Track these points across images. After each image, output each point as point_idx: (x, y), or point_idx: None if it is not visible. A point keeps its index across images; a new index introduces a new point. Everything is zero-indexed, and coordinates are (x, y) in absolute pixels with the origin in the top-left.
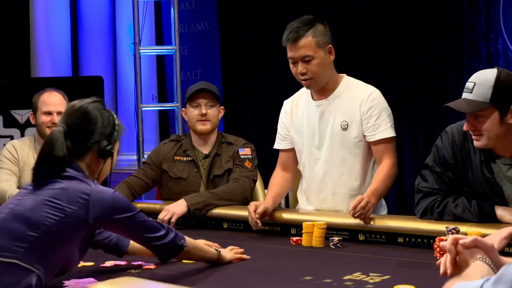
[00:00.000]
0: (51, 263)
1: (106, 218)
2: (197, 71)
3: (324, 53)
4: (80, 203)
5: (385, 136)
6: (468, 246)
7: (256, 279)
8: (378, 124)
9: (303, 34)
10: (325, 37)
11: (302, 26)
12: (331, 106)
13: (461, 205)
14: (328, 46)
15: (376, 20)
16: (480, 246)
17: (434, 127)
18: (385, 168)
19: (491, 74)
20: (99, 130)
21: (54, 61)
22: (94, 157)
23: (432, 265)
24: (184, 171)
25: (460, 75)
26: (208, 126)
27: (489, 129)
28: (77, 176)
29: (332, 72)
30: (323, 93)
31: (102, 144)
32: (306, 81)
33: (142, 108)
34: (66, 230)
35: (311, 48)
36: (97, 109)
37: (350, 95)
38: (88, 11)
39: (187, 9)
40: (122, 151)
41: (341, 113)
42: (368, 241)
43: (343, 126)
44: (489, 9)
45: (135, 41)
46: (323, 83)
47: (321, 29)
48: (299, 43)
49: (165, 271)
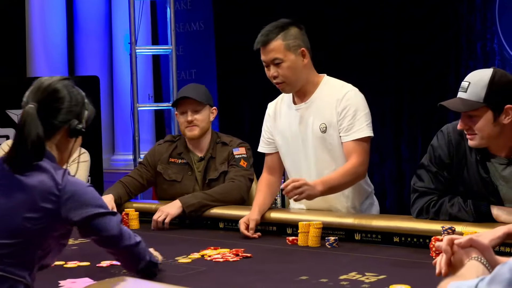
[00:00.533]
0: (32, 266)
1: (79, 211)
2: (191, 71)
3: (295, 56)
4: (52, 200)
5: (358, 136)
6: (463, 246)
7: (252, 279)
8: (352, 124)
9: (272, 37)
10: (297, 40)
11: (273, 30)
12: (309, 109)
13: (457, 204)
14: (300, 49)
15: (376, 20)
16: (475, 245)
17: (433, 127)
18: (348, 164)
19: (486, 74)
20: (69, 108)
21: (50, 61)
22: (63, 137)
23: (428, 265)
24: (179, 174)
25: (458, 75)
26: (195, 132)
27: (482, 128)
28: (48, 168)
29: (309, 75)
30: (302, 96)
31: (73, 123)
32: (278, 84)
33: (138, 108)
34: (44, 230)
35: (280, 51)
36: (66, 87)
37: (327, 97)
38: (84, 10)
39: (182, 8)
40: (118, 150)
41: (319, 116)
42: (364, 241)
43: (322, 129)
44: (485, 9)
45: (131, 41)
46: (297, 86)
47: (294, 33)
48: (268, 47)
49: (160, 270)
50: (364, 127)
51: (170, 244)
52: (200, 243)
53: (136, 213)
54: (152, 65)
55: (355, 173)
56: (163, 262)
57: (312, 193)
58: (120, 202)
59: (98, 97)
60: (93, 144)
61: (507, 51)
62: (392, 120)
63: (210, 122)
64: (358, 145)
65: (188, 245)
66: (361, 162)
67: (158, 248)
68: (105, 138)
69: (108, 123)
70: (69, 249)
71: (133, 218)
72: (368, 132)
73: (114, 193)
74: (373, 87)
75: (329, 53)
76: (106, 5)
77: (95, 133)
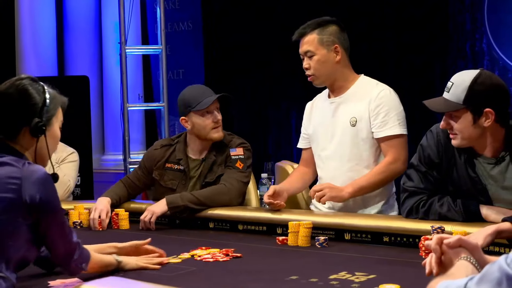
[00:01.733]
0: (7, 258)
1: (38, 197)
2: (179, 70)
3: (328, 51)
4: (12, 188)
5: (391, 133)
6: (452, 245)
7: (242, 279)
8: (386, 121)
9: (308, 30)
10: (332, 37)
11: (311, 24)
12: (343, 103)
13: (446, 204)
14: (334, 45)
15: (376, 20)
16: (464, 245)
17: (420, 126)
18: (382, 163)
19: (469, 76)
20: (28, 108)
21: (40, 61)
22: (27, 136)
23: (418, 264)
24: (174, 181)
25: (446, 76)
26: (221, 134)
27: (462, 130)
28: (8, 161)
29: (343, 72)
30: (337, 91)
31: (33, 121)
32: (309, 76)
33: (128, 107)
34: (11, 222)
35: (313, 44)
36: (18, 90)
37: (362, 93)
38: (73, 10)
39: (171, 8)
40: (108, 151)
41: (351, 109)
42: (354, 241)
43: (352, 123)
44: (474, 9)
45: (121, 41)
46: (327, 80)
47: (332, 30)
48: (303, 39)
49: (150, 271)
50: (397, 125)
51: (160, 244)
52: (190, 243)
53: (126, 213)
54: (142, 65)
55: (387, 171)
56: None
57: (339, 195)
58: (119, 202)
59: (88, 97)
60: (83, 144)
61: (496, 51)
62: None
63: None
64: (392, 143)
65: (178, 245)
66: (395, 158)
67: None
68: (95, 138)
69: (98, 123)
70: None
71: (123, 218)
72: (401, 130)
73: (114, 194)
74: None
75: None
76: (95, 5)
77: (85, 133)
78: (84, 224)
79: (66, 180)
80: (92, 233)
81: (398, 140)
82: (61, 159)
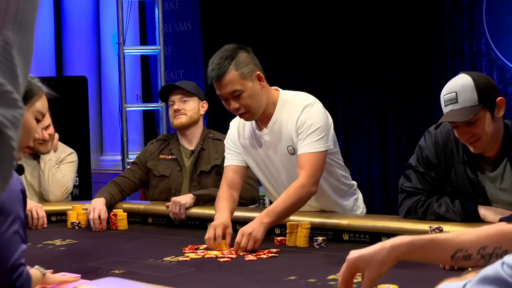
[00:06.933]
0: None
1: None
2: (179, 71)
3: (252, 83)
4: None
5: (305, 151)
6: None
7: (239, 279)
8: (303, 139)
9: (225, 70)
10: (249, 66)
11: (223, 62)
12: (273, 134)
13: (444, 204)
14: (255, 73)
15: (373, 20)
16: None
17: (417, 127)
18: (292, 186)
19: (465, 80)
20: None
21: (38, 61)
22: None
23: (415, 265)
24: (168, 169)
25: (444, 76)
26: (182, 120)
27: (486, 129)
28: None
29: (268, 97)
30: (263, 121)
31: None
32: (242, 115)
33: (127, 108)
34: None
35: (237, 82)
36: None
37: (286, 117)
38: (72, 11)
39: (170, 9)
40: (106, 151)
41: (284, 139)
42: (352, 241)
43: (290, 151)
44: (472, 10)
45: (119, 41)
46: (260, 112)
47: (244, 58)
48: (223, 80)
49: (148, 271)
50: (314, 142)
51: (158, 244)
52: (188, 243)
53: (125, 214)
54: (140, 65)
55: (297, 194)
56: (151, 262)
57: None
58: (113, 201)
59: (86, 98)
60: (81, 145)
61: (494, 51)
62: (379, 120)
63: (201, 116)
64: (305, 161)
65: (176, 245)
66: (303, 183)
67: (146, 248)
68: (93, 138)
69: (96, 124)
70: (56, 250)
71: (121, 219)
72: (317, 148)
73: (107, 194)
74: (361, 87)
75: (323, 53)
76: (94, 6)
77: (83, 134)
78: (83, 225)
79: (65, 181)
80: (92, 233)
81: (313, 158)
82: (60, 159)
